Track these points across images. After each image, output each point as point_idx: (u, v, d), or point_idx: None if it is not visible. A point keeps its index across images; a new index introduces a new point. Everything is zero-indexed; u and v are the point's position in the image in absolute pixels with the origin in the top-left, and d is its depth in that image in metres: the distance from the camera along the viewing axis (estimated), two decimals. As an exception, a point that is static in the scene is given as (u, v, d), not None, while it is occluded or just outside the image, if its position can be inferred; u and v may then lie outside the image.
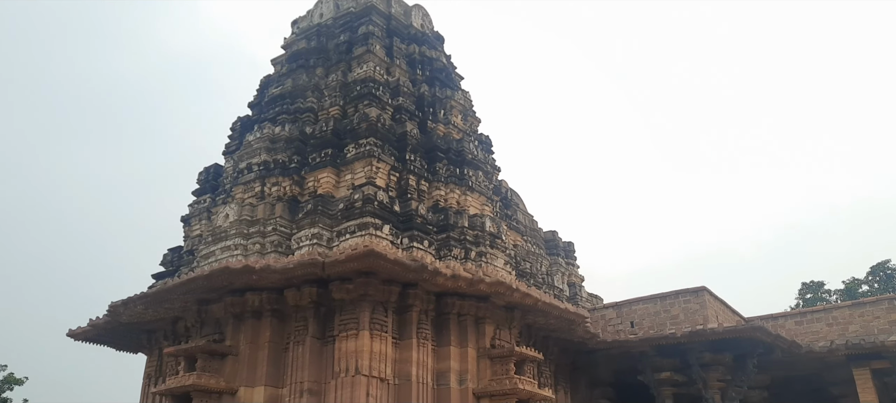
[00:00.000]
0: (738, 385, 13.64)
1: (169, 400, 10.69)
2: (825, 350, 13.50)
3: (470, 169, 13.07)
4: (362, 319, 10.31)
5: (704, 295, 14.69)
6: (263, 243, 11.43)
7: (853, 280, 31.01)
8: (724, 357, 13.44)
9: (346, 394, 9.91)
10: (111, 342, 13.63)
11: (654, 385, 14.02)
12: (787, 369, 14.37)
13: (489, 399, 11.06)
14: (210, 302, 11.22)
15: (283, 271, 10.17)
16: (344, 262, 9.89)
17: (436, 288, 10.88)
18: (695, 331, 13.12)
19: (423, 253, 11.36)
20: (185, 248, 13.22)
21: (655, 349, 13.74)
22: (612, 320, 15.62)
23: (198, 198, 13.77)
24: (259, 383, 10.42)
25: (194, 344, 10.76)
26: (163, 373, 12.41)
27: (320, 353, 10.56)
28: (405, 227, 11.67)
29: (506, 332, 11.99)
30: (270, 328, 10.77)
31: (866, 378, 13.33)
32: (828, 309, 15.86)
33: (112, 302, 11.83)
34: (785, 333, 14.35)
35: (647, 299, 15.46)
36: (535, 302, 11.74)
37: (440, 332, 11.26)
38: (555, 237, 16.41)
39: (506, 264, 12.57)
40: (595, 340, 13.85)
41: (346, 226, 11.25)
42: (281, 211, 11.73)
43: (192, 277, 10.57)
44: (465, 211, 12.47)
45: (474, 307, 11.38)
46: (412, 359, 10.62)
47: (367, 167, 11.96)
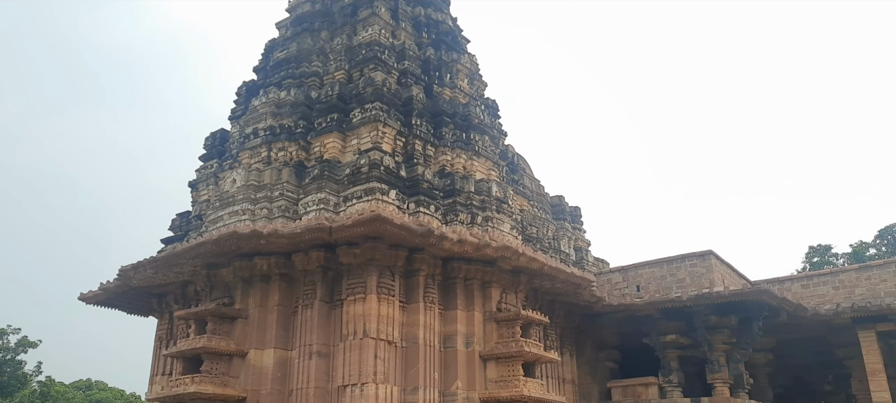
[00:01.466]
0: (742, 348, 13.73)
1: (180, 362, 10.87)
2: (831, 313, 13.54)
3: (476, 133, 13.02)
4: (369, 283, 10.40)
5: (711, 258, 14.70)
6: (271, 208, 11.49)
7: (861, 243, 30.97)
8: (730, 320, 13.50)
9: (354, 356, 10.05)
10: (122, 305, 13.81)
11: (660, 347, 14.13)
12: (793, 332, 14.44)
13: (495, 362, 11.19)
14: (219, 266, 11.33)
15: (291, 236, 10.24)
16: (351, 227, 9.94)
17: (442, 252, 10.94)
18: (701, 294, 13.17)
19: (430, 218, 11.39)
20: (194, 213, 13.30)
21: (661, 312, 13.82)
22: (618, 284, 15.68)
23: (205, 163, 13.80)
24: (268, 345, 10.58)
25: (204, 308, 10.89)
26: (174, 336, 12.60)
27: (328, 316, 10.68)
28: (411, 192, 11.68)
29: (512, 296, 12.07)
30: (279, 291, 10.88)
31: (871, 340, 13.38)
32: (834, 273, 15.86)
33: (122, 266, 11.96)
34: (791, 296, 14.39)
35: (653, 263, 15.50)
36: (542, 266, 11.79)
37: (447, 296, 11.35)
38: (561, 202, 16.40)
39: (512, 229, 12.59)
40: (601, 304, 13.93)
41: (353, 191, 11.27)
42: (287, 177, 11.76)
43: (201, 241, 10.65)
44: (471, 176, 12.46)
45: (481, 271, 11.45)
46: (419, 322, 10.73)
47: (373, 132, 11.93)
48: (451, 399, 10.73)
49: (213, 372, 10.35)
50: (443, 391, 10.76)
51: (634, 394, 14.23)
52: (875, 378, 13.22)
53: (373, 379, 9.90)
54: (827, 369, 16.38)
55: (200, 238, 10.97)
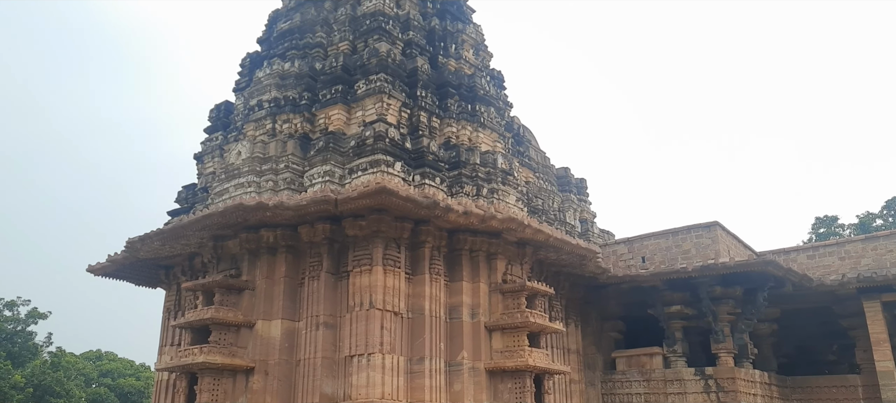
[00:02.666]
0: (747, 318, 13.77)
1: (189, 333, 10.98)
2: (836, 283, 13.54)
3: (482, 105, 12.94)
4: (375, 255, 10.44)
5: (716, 229, 14.68)
6: (276, 180, 11.50)
7: (867, 214, 30.85)
8: (735, 290, 13.53)
9: (360, 327, 10.13)
10: (130, 277, 13.93)
11: (664, 318, 14.19)
12: (798, 302, 14.47)
13: (501, 332, 11.27)
14: (225, 238, 11.38)
15: (297, 208, 10.26)
16: (356, 199, 9.95)
17: (448, 224, 10.95)
18: (706, 265, 13.18)
19: (435, 190, 11.39)
20: (199, 185, 13.33)
21: (666, 283, 13.84)
22: (624, 255, 15.70)
23: (210, 135, 13.79)
24: (276, 316, 10.67)
25: (211, 279, 10.97)
26: (182, 307, 12.71)
27: (335, 288, 10.75)
28: (417, 164, 11.66)
29: (517, 267, 12.10)
30: (285, 263, 10.94)
31: (876, 310, 13.40)
32: (840, 243, 15.84)
33: (129, 238, 12.03)
34: (797, 267, 14.39)
35: (658, 234, 15.50)
36: (547, 237, 11.80)
37: (452, 268, 11.39)
38: (567, 173, 16.35)
39: (518, 201, 12.58)
40: (606, 275, 13.96)
41: (358, 163, 11.26)
42: (292, 149, 11.74)
43: (208, 213, 10.69)
44: (476, 148, 12.42)
45: (486, 243, 11.47)
46: (425, 294, 10.79)
47: (378, 104, 11.87)
48: (456, 369, 10.83)
49: (222, 343, 10.46)
50: (448, 361, 10.86)
51: (639, 364, 14.33)
52: (879, 348, 13.27)
53: (379, 350, 9.99)
54: (831, 339, 16.42)
55: (206, 210, 11.00)
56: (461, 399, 10.62)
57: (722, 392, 13.07)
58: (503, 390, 10.95)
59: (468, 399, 10.67)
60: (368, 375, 9.86)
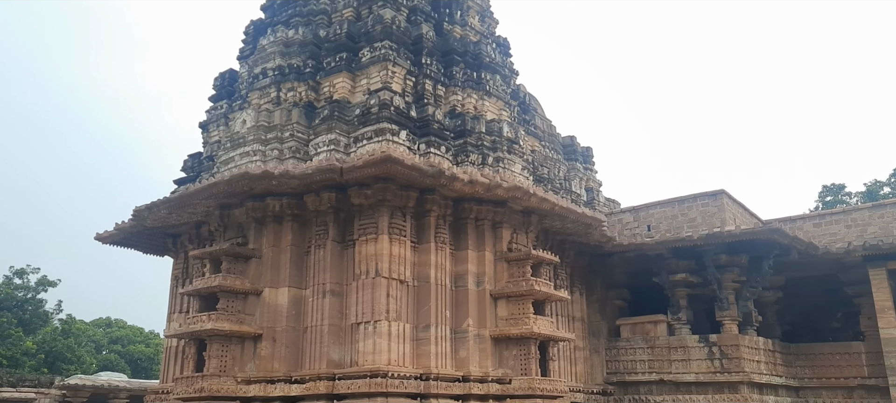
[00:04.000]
0: (752, 286, 13.80)
1: (197, 300, 11.09)
2: (842, 251, 13.52)
3: (487, 72, 12.85)
4: (381, 224, 10.47)
5: (723, 198, 14.64)
6: (281, 149, 11.49)
7: (875, 182, 30.68)
8: (740, 258, 13.53)
9: (367, 295, 10.21)
10: (138, 245, 14.01)
11: (669, 286, 14.23)
12: (803, 270, 14.47)
13: (506, 300, 11.34)
14: (232, 206, 11.42)
15: (302, 176, 10.27)
16: (361, 168, 9.95)
17: (453, 193, 10.95)
18: (712, 234, 13.17)
19: (441, 158, 11.36)
20: (205, 154, 13.34)
21: (671, 251, 13.85)
22: (629, 224, 15.69)
23: (215, 104, 13.74)
24: (282, 284, 10.75)
25: (218, 248, 11.04)
26: (189, 275, 12.82)
27: (341, 256, 10.81)
28: (422, 133, 11.62)
29: (523, 236, 12.13)
30: (292, 232, 10.99)
31: (882, 278, 13.39)
32: (847, 211, 15.78)
33: (136, 206, 12.08)
34: (803, 235, 14.36)
35: (664, 203, 15.46)
36: (552, 206, 11.80)
37: (458, 236, 11.42)
38: (573, 142, 16.28)
39: (523, 169, 12.55)
40: (611, 243, 13.98)
41: (363, 132, 11.22)
42: (297, 117, 11.71)
43: (213, 182, 10.72)
44: (482, 117, 12.36)
45: (491, 212, 11.48)
46: (430, 262, 10.84)
47: (383, 71, 11.79)
48: (462, 337, 10.93)
49: (230, 310, 10.57)
50: (454, 328, 10.96)
51: (643, 332, 14.42)
52: (884, 315, 13.29)
53: (386, 317, 10.08)
54: (836, 307, 16.46)
55: (212, 179, 11.02)
56: (466, 365, 10.73)
57: (725, 359, 13.17)
58: (508, 356, 11.06)
59: (473, 366, 10.79)
60: (375, 342, 9.96)
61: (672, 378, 13.65)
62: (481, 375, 10.78)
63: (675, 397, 13.56)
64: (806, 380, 14.38)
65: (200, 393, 10.04)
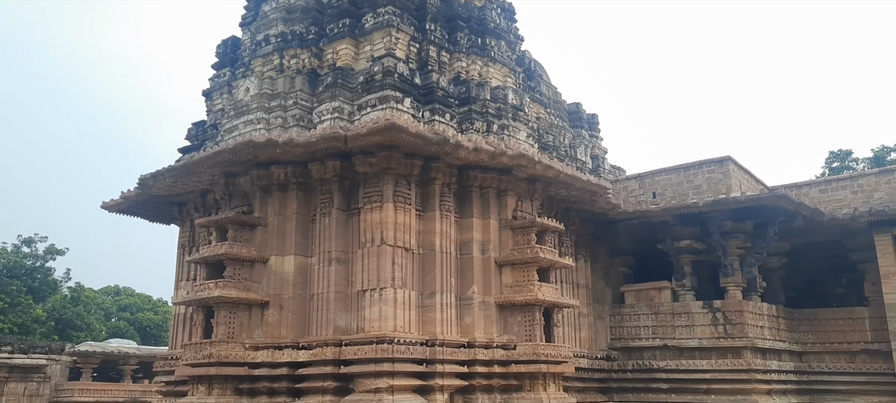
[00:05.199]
0: (757, 252, 13.81)
1: (204, 268, 11.17)
2: (848, 217, 13.49)
3: (492, 38, 12.72)
4: (386, 192, 10.48)
5: (729, 164, 14.58)
6: (285, 117, 11.46)
7: (882, 147, 30.48)
8: (746, 225, 13.52)
9: (372, 262, 10.27)
10: (144, 213, 14.08)
11: (674, 253, 14.25)
12: (809, 236, 14.46)
13: (511, 267, 11.39)
14: (236, 174, 11.44)
15: (307, 144, 10.26)
16: (365, 136, 9.92)
17: (458, 161, 10.93)
18: (717, 200, 13.15)
19: (445, 126, 11.32)
20: (209, 122, 13.31)
21: (676, 218, 13.85)
22: (635, 191, 15.67)
23: (218, 71, 13.67)
24: (289, 252, 10.81)
25: (224, 216, 11.08)
26: (196, 243, 12.89)
27: (346, 224, 10.84)
28: (426, 100, 11.56)
29: (527, 204, 12.13)
30: (297, 200, 11.01)
31: (887, 243, 13.38)
32: (853, 177, 15.70)
33: (142, 175, 12.11)
34: (809, 201, 14.32)
35: (669, 170, 15.41)
36: (557, 174, 11.77)
37: (463, 204, 11.43)
38: (578, 109, 16.16)
39: (528, 137, 12.50)
40: (616, 211, 13.97)
41: (367, 100, 11.17)
42: (301, 85, 11.65)
43: (218, 150, 10.72)
44: (487, 83, 12.27)
45: (496, 179, 11.47)
46: (435, 230, 10.87)
47: (386, 38, 11.69)
48: (467, 303, 11.00)
49: (236, 278, 10.65)
50: (459, 295, 11.03)
51: (647, 298, 14.49)
52: (888, 280, 13.31)
53: (391, 284, 10.15)
54: (840, 272, 16.48)
55: (216, 147, 11.02)
56: (471, 331, 10.83)
57: (729, 325, 13.24)
58: (513, 323, 11.15)
59: (478, 332, 10.88)
60: (381, 309, 10.05)
61: (675, 344, 13.75)
62: (486, 341, 10.88)
63: (679, 362, 13.67)
64: (809, 345, 14.47)
65: (209, 359, 10.18)
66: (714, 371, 13.22)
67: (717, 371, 13.18)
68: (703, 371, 13.36)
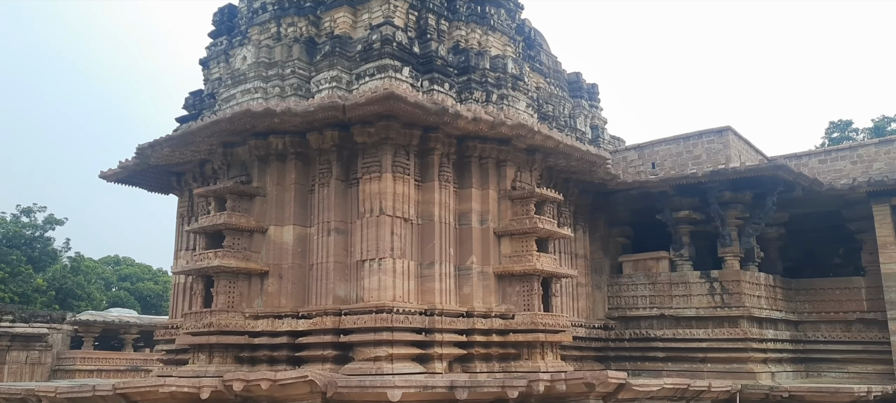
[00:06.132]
0: (755, 223, 13.84)
1: (203, 238, 11.18)
2: (846, 187, 13.49)
3: (491, 6, 12.57)
4: (385, 162, 10.45)
5: (728, 135, 14.53)
6: (283, 86, 11.38)
7: (883, 117, 30.40)
8: (744, 195, 13.53)
9: (371, 233, 10.28)
10: (142, 183, 14.04)
11: (672, 223, 14.28)
12: (807, 207, 14.48)
13: (509, 238, 11.41)
14: (234, 144, 11.39)
15: (305, 114, 10.20)
16: (364, 105, 9.86)
17: (457, 131, 10.88)
18: (716, 170, 13.13)
19: (444, 96, 11.25)
20: (206, 92, 13.22)
21: (675, 188, 13.85)
22: (634, 161, 15.64)
23: (215, 40, 13.53)
24: (287, 222, 10.82)
25: (222, 186, 11.06)
26: (195, 213, 12.89)
27: (345, 194, 10.83)
28: (425, 69, 11.47)
29: (527, 174, 12.11)
30: (295, 170, 10.99)
31: (885, 214, 13.40)
32: (853, 147, 15.67)
33: (139, 144, 12.06)
34: (808, 171, 14.31)
35: (669, 140, 15.37)
36: (557, 144, 11.74)
37: (462, 175, 11.41)
38: (578, 79, 16.05)
39: (528, 107, 12.43)
40: (615, 181, 13.96)
41: (365, 69, 11.08)
42: (298, 54, 11.54)
43: (215, 120, 10.66)
44: (486, 52, 12.17)
45: (495, 150, 11.43)
46: (434, 200, 10.86)
47: (385, 5, 11.55)
48: (466, 274, 11.05)
49: (235, 247, 10.67)
50: (458, 265, 11.07)
51: (645, 268, 14.55)
52: (886, 250, 13.36)
53: (390, 254, 10.18)
54: (838, 243, 16.54)
55: (214, 117, 10.96)
56: (470, 301, 10.89)
57: (726, 294, 13.32)
58: (511, 293, 11.21)
59: (477, 302, 10.95)
60: (380, 278, 10.09)
61: (673, 313, 13.85)
62: (485, 310, 10.95)
63: (675, 331, 13.78)
64: (805, 314, 14.58)
65: (209, 328, 10.24)
66: (710, 341, 13.33)
67: (714, 340, 13.30)
68: (700, 340, 13.47)
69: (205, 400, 8.77)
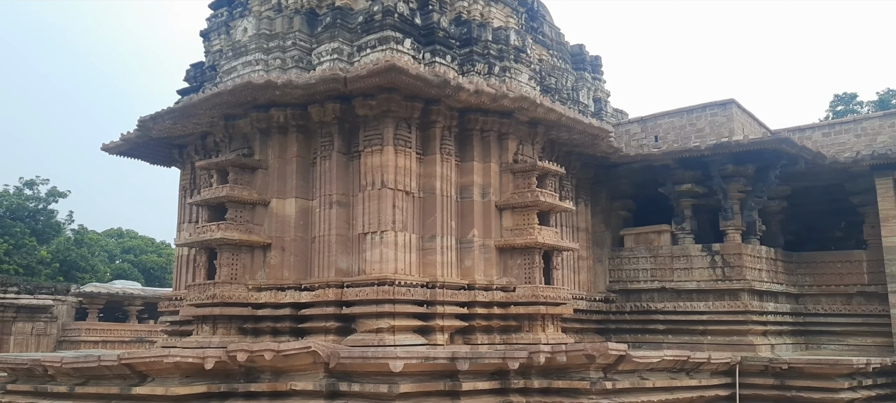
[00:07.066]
0: (758, 196, 13.83)
1: (205, 210, 11.21)
2: (850, 160, 13.45)
3: (494, -23, 12.43)
4: (386, 135, 10.42)
5: (732, 108, 14.45)
6: (284, 58, 11.31)
7: (888, 90, 30.20)
8: (747, 168, 13.50)
9: (373, 205, 10.30)
10: (144, 156, 14.04)
11: (674, 196, 14.26)
12: (810, 180, 14.44)
13: (511, 211, 11.43)
14: (236, 117, 11.36)
15: (306, 86, 10.15)
16: (365, 77, 9.81)
17: (459, 104, 10.84)
18: (719, 144, 13.09)
19: (446, 68, 11.18)
20: (207, 64, 13.15)
21: (678, 162, 13.81)
22: (637, 135, 15.58)
23: (215, 11, 13.42)
24: (290, 195, 10.83)
25: (224, 158, 11.06)
26: (197, 186, 12.91)
27: (347, 167, 10.83)
28: (427, 42, 11.38)
29: (528, 147, 12.08)
30: (297, 143, 10.97)
31: (888, 187, 13.37)
32: (857, 120, 15.58)
33: (141, 116, 12.03)
34: (811, 144, 14.26)
35: (672, 113, 15.29)
36: (559, 117, 11.68)
37: (463, 148, 11.39)
38: (582, 51, 15.92)
39: (530, 79, 12.36)
40: (618, 154, 13.92)
41: (367, 41, 11.00)
42: (299, 25, 11.45)
43: (216, 92, 10.62)
44: (488, 24, 12.06)
45: (497, 123, 11.39)
46: (436, 174, 10.86)
47: (387, -24, 11.42)
48: (467, 247, 11.08)
49: (238, 220, 10.70)
50: (459, 239, 11.10)
51: (646, 241, 14.57)
52: (888, 224, 13.35)
53: (392, 227, 10.20)
54: (840, 216, 16.53)
55: (215, 89, 10.92)
56: (472, 274, 10.94)
57: (727, 267, 13.35)
58: (513, 266, 11.25)
59: (478, 275, 10.99)
60: (382, 251, 10.13)
61: (673, 286, 13.90)
62: (486, 283, 11.00)
63: (676, 304, 13.85)
64: (806, 287, 14.63)
65: (213, 300, 10.32)
66: (711, 313, 13.40)
67: (714, 313, 13.36)
68: (700, 312, 13.54)
69: (209, 371, 8.86)
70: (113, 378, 9.28)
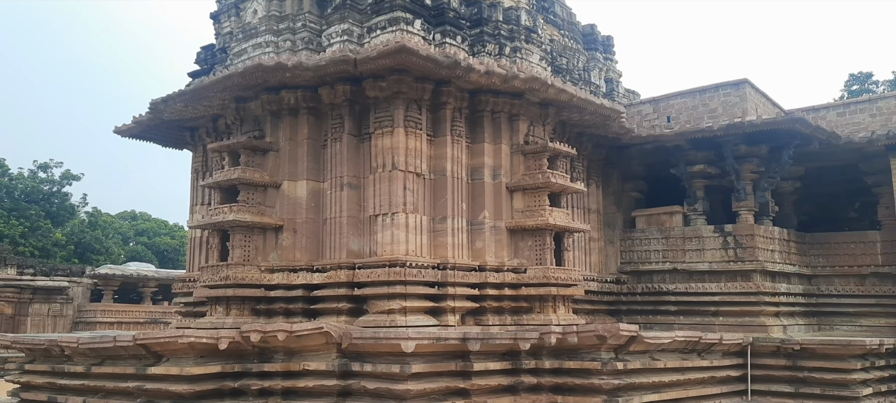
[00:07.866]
0: (771, 177, 13.72)
1: (218, 192, 11.28)
2: (865, 140, 13.30)
3: (505, -44, 12.31)
4: (397, 116, 10.41)
5: (745, 88, 14.30)
6: (294, 40, 11.29)
7: (905, 70, 29.69)
8: (760, 149, 13.38)
9: (384, 187, 10.32)
10: (156, 138, 14.11)
11: (687, 177, 14.18)
12: (824, 160, 14.30)
13: (522, 192, 11.41)
14: (247, 99, 11.38)
15: (316, 68, 10.14)
16: (375, 59, 9.78)
17: (469, 85, 10.79)
18: (732, 124, 12.97)
19: (456, 49, 11.12)
20: (218, 46, 13.15)
21: (690, 142, 13.71)
22: (649, 115, 15.46)
23: (224, -7, 13.40)
24: (301, 177, 10.87)
25: (236, 141, 11.10)
26: (209, 168, 12.97)
27: (357, 149, 10.84)
28: (437, 22, 11.32)
29: (540, 128, 12.03)
30: (308, 125, 10.98)
31: (904, 168, 13.23)
32: (873, 100, 15.38)
33: (153, 99, 12.08)
34: (826, 125, 14.11)
35: (685, 93, 15.15)
36: (570, 98, 11.61)
37: (474, 129, 11.36)
38: (593, 31, 15.77)
39: (541, 60, 12.28)
40: (629, 135, 13.83)
41: (377, 22, 10.95)
42: (309, 6, 11.42)
43: (227, 74, 10.63)
44: (499, 4, 11.96)
45: (508, 104, 11.34)
46: (447, 155, 10.84)
47: (396, -44, 11.34)
48: (478, 228, 11.09)
49: (250, 202, 10.77)
50: (470, 220, 11.11)
51: (658, 222, 14.52)
52: (903, 205, 13.23)
53: (403, 209, 10.22)
54: (854, 197, 16.38)
55: (226, 71, 10.93)
56: (483, 255, 10.96)
57: (740, 248, 13.30)
58: (524, 247, 11.25)
59: (489, 256, 11.01)
60: (393, 233, 10.16)
61: (685, 267, 13.86)
62: (497, 265, 11.02)
63: (688, 285, 13.81)
64: (819, 268, 14.54)
65: (226, 281, 10.41)
66: (723, 294, 13.36)
67: (726, 294, 13.32)
68: (712, 293, 13.50)
69: (223, 351, 8.97)
70: (129, 359, 9.41)
